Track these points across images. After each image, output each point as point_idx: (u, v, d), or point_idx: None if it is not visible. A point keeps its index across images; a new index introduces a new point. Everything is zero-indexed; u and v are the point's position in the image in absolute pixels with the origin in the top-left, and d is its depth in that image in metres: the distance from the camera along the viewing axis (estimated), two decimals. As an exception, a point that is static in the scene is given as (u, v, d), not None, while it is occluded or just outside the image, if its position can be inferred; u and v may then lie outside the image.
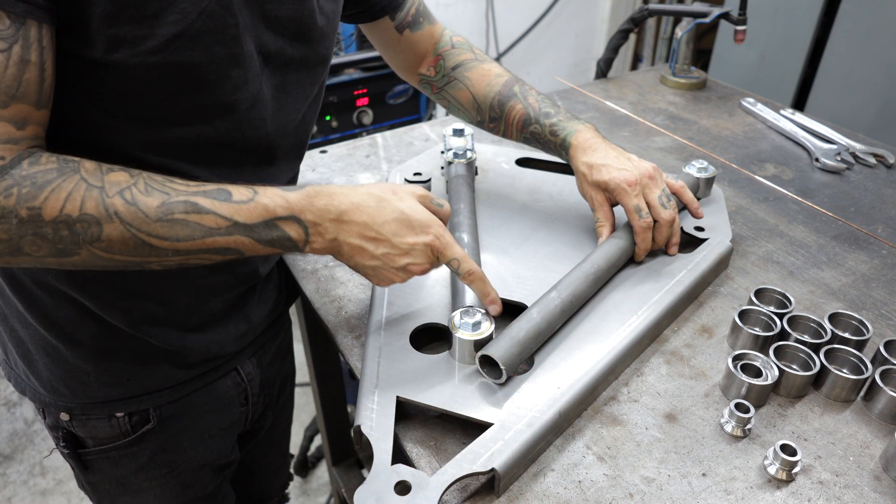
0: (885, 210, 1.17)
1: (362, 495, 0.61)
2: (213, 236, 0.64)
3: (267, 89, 0.76)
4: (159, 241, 0.61)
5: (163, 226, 0.61)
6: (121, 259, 0.62)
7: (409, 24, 1.01)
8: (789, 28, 2.23)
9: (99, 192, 0.59)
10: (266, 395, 1.05)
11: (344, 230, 0.70)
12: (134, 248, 0.61)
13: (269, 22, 0.72)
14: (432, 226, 0.73)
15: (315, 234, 0.69)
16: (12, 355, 0.87)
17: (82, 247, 0.59)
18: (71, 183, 0.58)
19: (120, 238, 0.60)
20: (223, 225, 0.64)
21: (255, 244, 0.66)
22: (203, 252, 0.64)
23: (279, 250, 0.69)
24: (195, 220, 0.63)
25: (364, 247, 0.71)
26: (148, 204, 0.61)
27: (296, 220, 0.68)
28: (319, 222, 0.69)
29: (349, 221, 0.70)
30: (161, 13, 0.60)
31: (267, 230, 0.66)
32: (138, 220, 0.60)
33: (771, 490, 0.67)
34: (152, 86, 0.65)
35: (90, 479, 0.92)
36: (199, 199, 0.64)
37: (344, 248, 0.71)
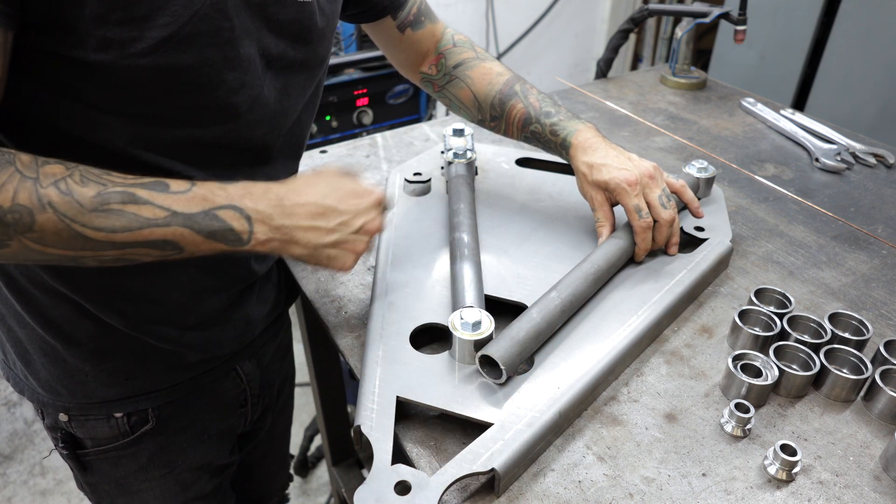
0: (885, 210, 1.17)
1: (362, 495, 0.61)
2: (150, 227, 0.61)
3: (269, 92, 0.75)
4: (94, 233, 0.59)
5: (98, 216, 0.59)
6: (53, 252, 0.60)
7: (410, 23, 1.01)
8: (789, 28, 2.23)
9: (33, 182, 0.58)
10: (266, 395, 1.05)
11: (289, 214, 0.69)
12: (67, 240, 0.59)
13: (272, 25, 0.72)
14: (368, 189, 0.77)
15: (258, 223, 0.67)
16: (10, 355, 0.87)
17: (13, 238, 0.57)
18: (5, 174, 0.57)
19: (53, 229, 0.58)
20: (161, 215, 0.62)
21: (194, 236, 0.64)
22: (140, 245, 0.62)
23: (222, 245, 0.66)
24: (132, 211, 0.61)
25: (316, 225, 0.71)
26: (83, 194, 0.59)
27: (236, 208, 0.66)
28: (262, 209, 0.67)
29: (292, 205, 0.70)
30: (151, 16, 0.60)
31: (206, 220, 0.64)
32: (73, 210, 0.58)
33: (771, 490, 0.67)
34: (143, 87, 0.64)
35: (89, 479, 0.92)
36: (137, 189, 0.62)
37: (297, 233, 0.70)
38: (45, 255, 0.60)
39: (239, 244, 0.67)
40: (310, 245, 0.71)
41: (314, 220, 0.71)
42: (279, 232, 0.69)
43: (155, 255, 0.64)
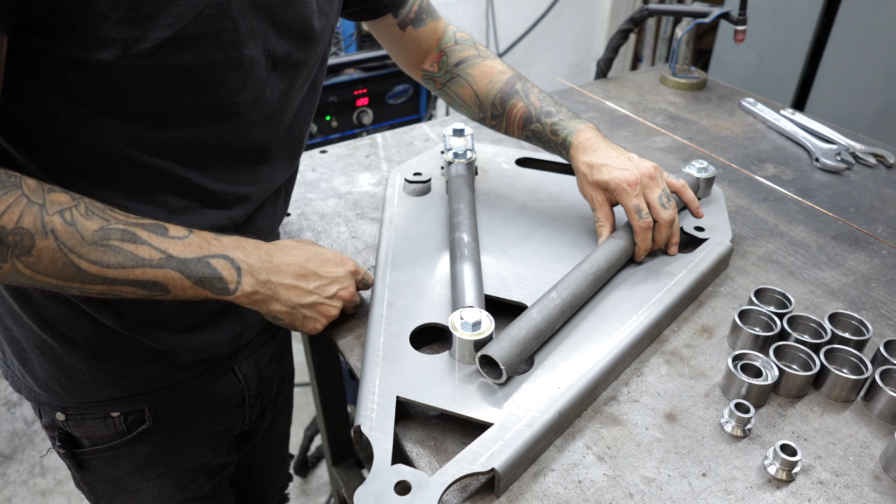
0: (885, 210, 1.17)
1: (362, 495, 0.61)
2: (144, 267, 0.64)
3: (272, 93, 0.75)
4: (89, 265, 0.61)
5: (96, 249, 0.61)
6: (42, 279, 0.61)
7: (411, 20, 1.01)
8: (789, 28, 2.23)
9: (39, 208, 0.59)
10: (264, 395, 1.05)
11: (276, 272, 0.74)
12: (61, 269, 0.61)
13: (277, 26, 0.72)
14: (346, 259, 0.84)
15: (247, 274, 0.71)
16: (8, 354, 0.87)
17: (7, 259, 0.58)
18: (11, 197, 0.58)
19: (50, 256, 0.60)
20: (156, 256, 0.65)
21: (184, 280, 0.67)
22: (128, 284, 0.64)
23: (206, 292, 0.69)
24: (130, 249, 0.63)
25: (297, 285, 0.76)
26: (86, 226, 0.61)
27: (228, 258, 0.70)
28: (252, 263, 0.72)
29: (279, 262, 0.75)
30: (154, 16, 0.60)
31: (199, 266, 0.68)
32: (73, 241, 0.60)
33: (771, 490, 0.67)
34: (144, 87, 0.64)
35: (86, 478, 0.92)
36: (137, 229, 0.64)
37: (279, 289, 0.75)
38: (33, 281, 0.61)
39: (225, 293, 0.71)
40: (289, 303, 0.76)
41: (296, 280, 0.76)
42: (264, 287, 0.73)
43: (139, 295, 0.66)
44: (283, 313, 0.77)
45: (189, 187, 0.73)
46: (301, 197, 1.17)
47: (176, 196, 0.73)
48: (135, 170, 0.69)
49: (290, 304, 0.76)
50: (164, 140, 0.69)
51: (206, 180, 0.74)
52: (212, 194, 0.76)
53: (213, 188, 0.75)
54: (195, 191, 0.74)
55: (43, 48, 0.59)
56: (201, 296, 0.69)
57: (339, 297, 0.81)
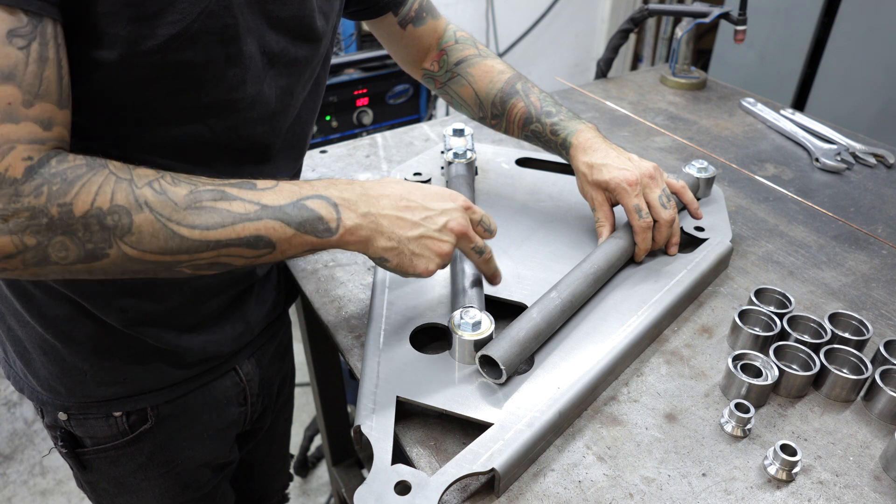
0: (885, 210, 1.17)
1: (362, 495, 0.61)
2: (243, 222, 0.62)
3: (270, 90, 0.75)
4: (189, 231, 0.60)
5: (192, 213, 0.60)
6: (150, 258, 0.60)
7: (412, 19, 1.01)
8: (789, 28, 2.23)
9: (128, 183, 0.58)
10: (265, 395, 1.05)
11: (375, 203, 0.69)
12: (164, 241, 0.59)
13: (272, 22, 0.72)
14: (456, 194, 0.75)
15: (345, 209, 0.67)
16: (10, 354, 0.87)
17: (112, 244, 0.57)
18: (101, 176, 0.57)
19: (150, 229, 0.58)
20: (251, 209, 0.62)
21: (284, 228, 0.64)
22: (233, 244, 0.62)
23: (309, 237, 0.65)
24: (224, 207, 0.61)
25: (402, 216, 0.70)
26: (177, 192, 0.60)
27: (322, 197, 0.67)
28: (347, 197, 0.68)
29: (377, 195, 0.70)
30: (160, 13, 0.60)
31: (295, 210, 0.64)
32: (168, 209, 0.59)
33: (771, 490, 0.67)
34: (146, 84, 0.64)
35: (88, 478, 0.92)
36: (226, 188, 0.63)
37: (382, 221, 0.69)
38: (143, 264, 0.60)
39: (328, 234, 0.66)
40: (395, 236, 0.69)
41: (399, 211, 0.70)
42: (366, 219, 0.68)
43: (248, 257, 0.64)
44: (390, 250, 0.69)
45: None
46: (301, 197, 1.17)
47: None
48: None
49: (397, 237, 0.69)
50: (166, 140, 0.70)
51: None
52: None
53: None
54: None
55: None
56: (307, 245, 0.65)
57: (451, 230, 0.72)
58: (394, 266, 0.71)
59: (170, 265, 0.61)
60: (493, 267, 0.80)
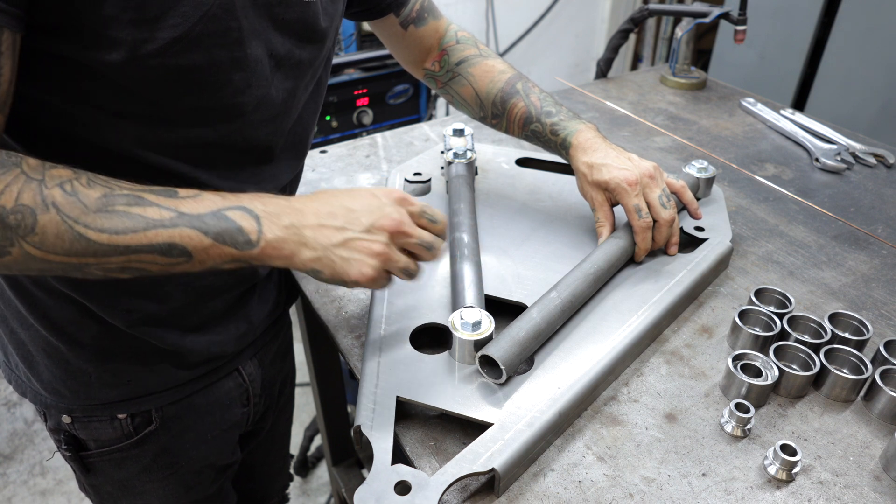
0: (885, 210, 1.17)
1: (362, 495, 0.61)
2: (156, 228, 0.59)
3: (277, 93, 0.75)
4: (96, 234, 0.58)
5: (101, 216, 0.58)
6: (55, 259, 0.58)
7: (413, 19, 1.02)
8: (789, 28, 2.23)
9: (38, 183, 0.57)
10: (267, 395, 1.05)
11: (298, 215, 0.66)
12: (69, 244, 0.57)
13: (278, 25, 0.72)
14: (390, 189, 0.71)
15: (268, 222, 0.64)
16: (13, 357, 0.87)
17: (14, 243, 0.56)
18: (10, 175, 0.56)
19: (55, 230, 0.57)
20: (167, 216, 0.60)
21: (202, 238, 0.61)
22: (145, 250, 0.60)
23: (229, 249, 0.62)
24: (137, 212, 0.59)
25: (324, 223, 0.66)
26: (89, 195, 0.58)
27: (244, 209, 0.63)
28: (271, 210, 0.65)
29: (301, 208, 0.67)
30: (162, 17, 0.60)
31: (214, 220, 0.62)
32: (76, 211, 0.57)
33: (771, 490, 0.67)
34: (151, 88, 0.64)
35: (92, 481, 0.92)
36: (144, 193, 0.61)
37: (306, 232, 0.65)
38: (47, 264, 0.58)
39: (249, 247, 0.63)
40: (318, 245, 0.66)
41: (322, 218, 0.67)
42: (288, 231, 0.65)
43: (162, 264, 0.62)
44: (317, 260, 0.66)
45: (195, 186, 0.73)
46: (301, 197, 1.17)
47: None
48: (141, 169, 0.69)
49: (321, 245, 0.66)
50: (170, 140, 0.70)
51: (211, 179, 0.74)
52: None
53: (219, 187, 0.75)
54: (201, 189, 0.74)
55: (51, 49, 0.59)
56: (226, 256, 0.63)
57: (380, 228, 0.67)
58: (328, 276, 0.67)
59: (77, 267, 0.59)
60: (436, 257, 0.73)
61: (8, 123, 0.62)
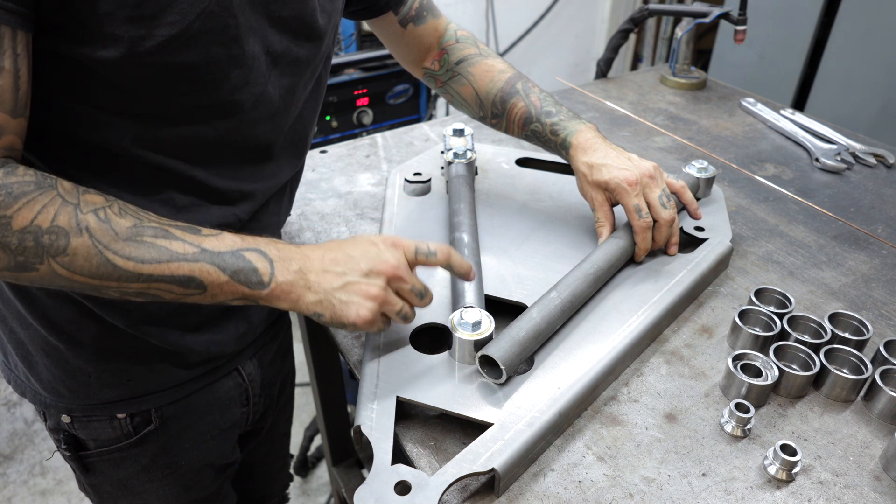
0: (885, 210, 1.17)
1: (362, 495, 0.61)
2: (178, 261, 0.63)
3: (274, 90, 0.75)
4: (123, 261, 0.61)
5: (130, 245, 0.61)
6: (79, 280, 0.61)
7: (412, 18, 1.02)
8: (789, 28, 2.23)
9: (74, 207, 0.60)
10: (266, 395, 1.05)
11: (307, 262, 0.70)
12: (96, 267, 0.60)
13: (274, 22, 0.72)
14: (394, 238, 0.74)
15: (280, 266, 0.68)
16: (12, 357, 0.87)
17: (44, 261, 0.59)
18: (47, 197, 0.58)
19: (85, 254, 0.60)
20: (190, 251, 0.64)
21: (219, 274, 0.65)
22: (165, 280, 0.63)
23: (241, 287, 0.67)
24: (163, 244, 0.63)
25: (328, 269, 0.71)
26: (120, 224, 0.61)
27: (260, 251, 0.68)
28: (284, 256, 0.69)
29: (311, 254, 0.71)
30: (160, 14, 0.60)
31: (233, 259, 0.66)
32: (108, 237, 0.60)
33: (771, 490, 0.67)
34: (149, 85, 0.64)
35: (92, 481, 0.92)
36: (170, 228, 0.64)
37: (311, 276, 0.70)
38: (70, 283, 0.61)
39: (260, 287, 0.67)
40: (320, 289, 0.70)
41: (326, 265, 0.71)
42: (297, 276, 0.69)
43: (176, 294, 0.65)
44: (318, 303, 0.69)
45: (194, 184, 0.74)
46: (301, 197, 1.17)
47: (181, 193, 0.74)
48: (140, 167, 0.70)
49: (322, 289, 0.70)
50: (168, 138, 0.70)
51: (210, 177, 0.74)
52: (216, 191, 0.76)
53: (218, 185, 0.76)
54: (200, 188, 0.74)
55: (49, 48, 0.59)
56: (237, 294, 0.67)
57: (377, 273, 0.71)
58: (328, 319, 0.70)
59: (98, 288, 0.63)
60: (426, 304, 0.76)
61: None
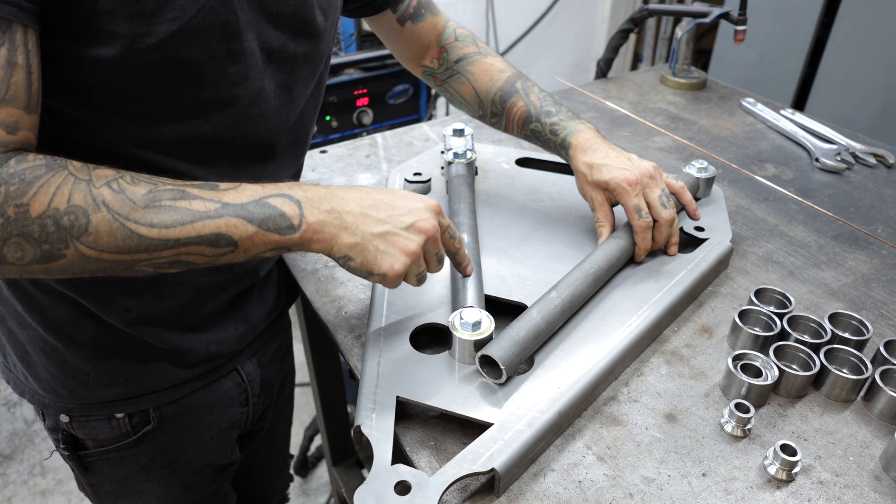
0: (885, 210, 1.17)
1: (362, 495, 0.61)
2: (203, 220, 0.61)
3: (270, 86, 0.75)
4: (147, 230, 0.59)
5: (150, 211, 0.59)
6: (108, 258, 0.59)
7: (410, 15, 1.02)
8: (789, 28, 2.23)
9: (86, 184, 0.58)
10: (266, 395, 1.05)
11: (339, 201, 0.68)
12: (122, 241, 0.59)
13: (271, 18, 0.72)
14: (427, 197, 0.73)
15: (309, 206, 0.66)
16: (11, 357, 0.87)
17: (69, 244, 0.57)
18: (59, 177, 0.57)
19: (107, 228, 0.58)
20: (212, 207, 0.62)
21: (246, 225, 0.63)
22: (194, 242, 0.61)
23: (272, 235, 0.64)
24: (184, 205, 0.61)
25: (366, 212, 0.68)
26: (135, 192, 0.60)
27: (285, 195, 0.66)
28: (311, 196, 0.67)
29: (342, 195, 0.69)
30: (159, 10, 0.60)
31: (258, 208, 0.64)
32: (126, 208, 0.59)
33: (771, 490, 0.67)
34: (146, 81, 0.64)
35: (91, 480, 0.92)
36: (187, 187, 0.62)
37: (347, 217, 0.67)
38: (101, 263, 0.60)
39: (291, 231, 0.65)
40: (359, 232, 0.67)
41: (365, 208, 0.68)
42: (330, 215, 0.66)
43: (209, 255, 0.63)
44: (354, 246, 0.67)
45: None
46: (301, 197, 1.17)
47: None
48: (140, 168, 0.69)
49: (361, 232, 0.67)
50: (168, 137, 0.69)
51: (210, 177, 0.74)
52: None
53: None
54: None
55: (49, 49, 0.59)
56: (270, 243, 0.64)
57: (418, 230, 0.69)
58: (358, 264, 0.68)
59: (129, 264, 0.61)
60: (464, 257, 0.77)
61: None
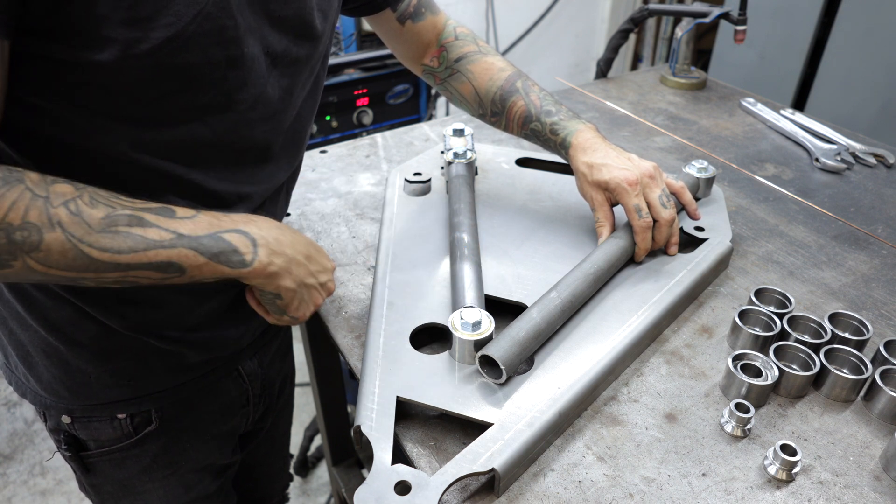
0: (885, 210, 1.17)
1: (362, 495, 0.61)
2: (156, 248, 0.63)
3: (273, 91, 0.75)
4: (99, 253, 0.60)
5: (105, 236, 0.60)
6: (55, 273, 0.60)
7: (410, 14, 1.01)
8: (789, 28, 2.23)
9: (44, 201, 0.58)
10: (267, 395, 1.05)
11: (289, 246, 0.73)
12: (72, 260, 0.60)
13: (274, 22, 0.72)
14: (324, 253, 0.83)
15: (262, 246, 0.70)
16: (12, 358, 0.86)
17: (18, 257, 0.57)
18: (15, 192, 0.57)
19: (59, 248, 0.59)
20: (166, 237, 0.63)
21: (198, 257, 0.65)
22: (143, 267, 0.63)
23: (222, 268, 0.67)
24: (139, 233, 0.62)
25: (304, 263, 0.76)
26: (92, 215, 0.60)
27: (241, 232, 0.69)
28: (265, 235, 0.71)
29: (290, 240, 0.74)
30: (155, 16, 0.60)
31: (212, 242, 0.66)
32: (81, 230, 0.59)
33: (771, 490, 0.67)
34: (145, 87, 0.64)
35: (92, 481, 0.92)
36: (144, 213, 0.63)
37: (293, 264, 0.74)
38: (46, 276, 0.60)
39: (242, 266, 0.68)
40: (297, 279, 0.75)
41: (304, 258, 0.76)
42: (279, 258, 0.72)
43: (155, 278, 0.65)
44: (289, 290, 0.74)
45: (191, 188, 0.73)
46: (301, 197, 1.18)
47: (178, 196, 0.73)
48: (137, 172, 0.69)
49: (298, 280, 0.75)
50: (165, 141, 0.69)
51: (207, 180, 0.74)
52: (214, 194, 0.76)
53: (215, 188, 0.75)
54: (197, 191, 0.74)
55: (43, 52, 0.59)
56: (217, 273, 0.67)
57: (328, 290, 0.81)
58: (283, 304, 0.76)
59: (74, 279, 0.62)
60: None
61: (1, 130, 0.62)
